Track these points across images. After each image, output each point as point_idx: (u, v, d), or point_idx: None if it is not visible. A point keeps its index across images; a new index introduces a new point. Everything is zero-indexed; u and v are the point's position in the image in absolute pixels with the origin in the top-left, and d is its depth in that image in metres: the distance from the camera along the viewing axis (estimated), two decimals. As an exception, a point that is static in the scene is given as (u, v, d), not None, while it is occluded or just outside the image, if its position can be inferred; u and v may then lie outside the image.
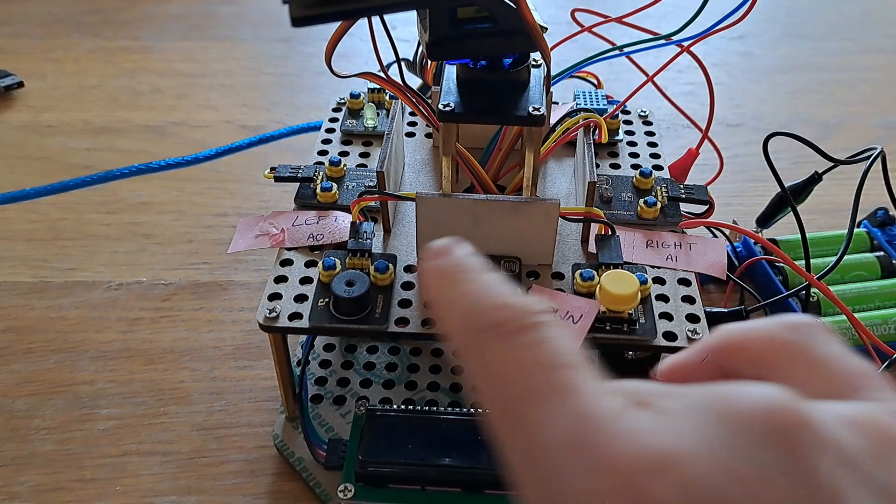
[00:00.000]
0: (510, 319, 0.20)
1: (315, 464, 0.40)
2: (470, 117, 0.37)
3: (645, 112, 0.51)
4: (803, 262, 0.45)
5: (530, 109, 0.36)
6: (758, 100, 0.70)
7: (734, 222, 0.54)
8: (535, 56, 0.38)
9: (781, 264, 0.50)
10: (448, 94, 0.37)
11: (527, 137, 0.37)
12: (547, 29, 0.36)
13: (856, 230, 0.53)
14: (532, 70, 0.38)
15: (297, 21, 0.26)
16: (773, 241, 0.52)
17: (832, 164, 0.46)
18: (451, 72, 0.38)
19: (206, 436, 0.43)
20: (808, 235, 0.51)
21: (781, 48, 0.78)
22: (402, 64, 0.57)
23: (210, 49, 0.78)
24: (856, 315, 0.45)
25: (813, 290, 0.48)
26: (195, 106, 0.69)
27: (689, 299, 0.38)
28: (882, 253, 0.51)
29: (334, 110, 0.51)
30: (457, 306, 0.21)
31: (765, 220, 0.52)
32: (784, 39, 0.79)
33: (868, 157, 0.44)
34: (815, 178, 0.49)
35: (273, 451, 0.42)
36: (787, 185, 0.48)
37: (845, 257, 0.51)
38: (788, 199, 0.47)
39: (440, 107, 0.36)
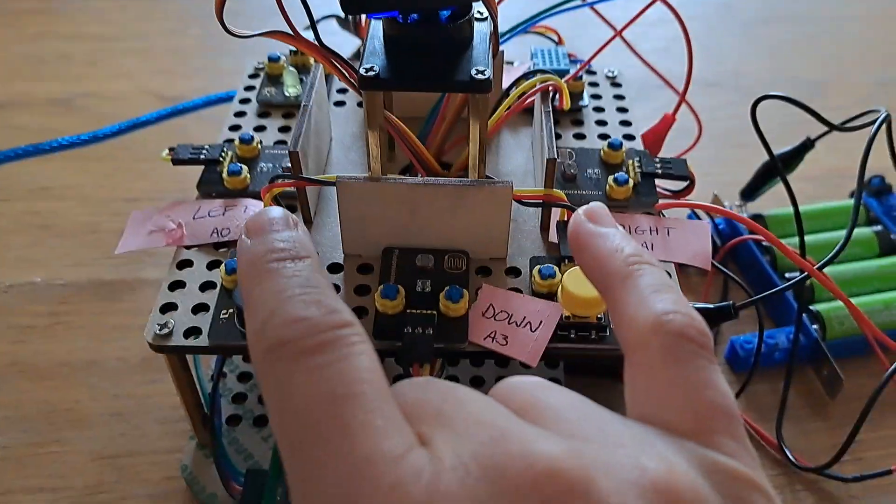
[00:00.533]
0: (301, 336, 0.18)
1: (229, 500, 0.34)
2: (399, 84, 0.30)
3: (613, 72, 0.44)
4: (795, 239, 0.39)
5: (473, 73, 0.29)
6: (738, 55, 0.64)
7: (715, 195, 0.48)
8: (479, 8, 0.32)
9: (768, 244, 0.44)
10: (372, 55, 0.30)
11: (471, 107, 0.31)
12: (490, -27, 0.30)
13: (849, 201, 0.48)
14: (475, 25, 0.31)
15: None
16: (760, 216, 0.46)
17: (828, 129, 0.40)
18: (376, 28, 0.31)
19: (106, 466, 0.37)
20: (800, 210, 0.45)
21: (761, -4, 0.72)
22: (336, 21, 0.50)
23: (126, 9, 0.69)
24: (854, 300, 0.40)
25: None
26: (107, 75, 0.61)
27: (668, 297, 0.32)
28: (880, 227, 0.46)
29: (251, 76, 0.43)
30: (255, 312, 0.20)
31: (750, 192, 0.46)
32: (764, -14, 0.73)
33: (870, 122, 0.37)
34: (808, 145, 0.43)
35: (182, 483, 0.36)
36: (775, 152, 0.41)
37: (839, 232, 0.45)
38: (779, 169, 0.40)
39: (362, 71, 0.29)
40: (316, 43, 0.32)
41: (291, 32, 0.31)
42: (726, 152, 0.54)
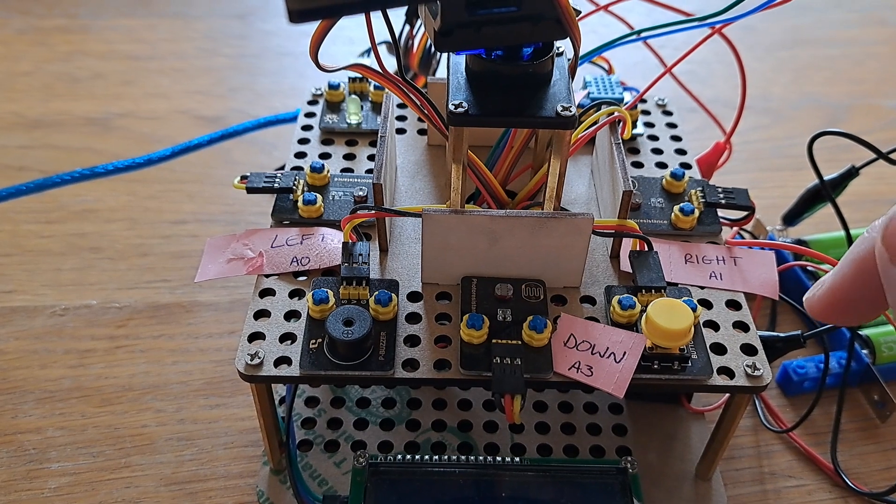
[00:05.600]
0: None
1: (308, 526, 0.34)
2: (487, 120, 0.31)
3: (664, 100, 0.45)
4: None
5: (559, 109, 0.30)
6: (764, 79, 0.65)
7: (757, 220, 0.49)
8: (558, 43, 0.32)
9: (814, 269, 0.45)
10: (458, 91, 0.31)
11: (554, 142, 0.31)
12: (580, 12, 0.30)
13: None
14: (555, 59, 0.32)
15: (296, 15, 0.20)
16: (802, 241, 0.47)
17: (875, 157, 0.41)
18: (458, 64, 0.32)
19: (177, 491, 0.37)
20: (836, 234, 0.47)
21: (784, 21, 0.73)
22: (384, 48, 0.51)
23: (158, 27, 0.70)
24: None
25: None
26: (143, 94, 0.61)
27: (741, 326, 0.33)
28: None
29: (310, 103, 0.44)
30: None
31: (794, 216, 0.47)
32: (785, 11, 0.74)
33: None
34: (853, 173, 0.44)
35: (256, 508, 0.36)
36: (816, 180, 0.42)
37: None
38: (829, 194, 0.42)
39: (451, 107, 0.30)
40: (402, 79, 0.33)
41: (378, 69, 0.32)
42: (760, 175, 0.55)
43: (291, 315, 0.33)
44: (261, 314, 0.33)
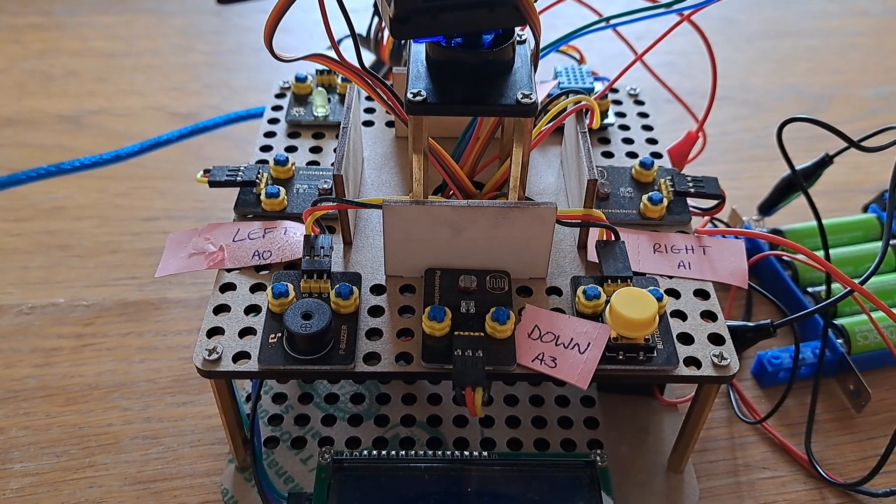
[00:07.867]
0: None
1: (272, 524, 0.34)
2: (446, 108, 0.30)
3: (635, 90, 0.44)
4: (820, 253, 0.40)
5: (519, 96, 0.30)
6: (744, 70, 0.64)
7: (733, 210, 0.48)
8: (519, 30, 0.32)
9: (789, 259, 0.45)
10: (417, 79, 0.30)
11: (516, 130, 0.31)
12: (538, -2, 0.30)
13: (864, 216, 0.49)
14: (517, 47, 0.32)
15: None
16: (779, 231, 0.47)
17: (847, 145, 0.41)
18: (418, 52, 0.32)
19: (142, 491, 0.36)
20: (812, 224, 0.46)
21: (764, 11, 0.73)
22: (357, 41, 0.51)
23: (133, 24, 0.69)
24: (875, 314, 0.40)
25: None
26: (117, 91, 0.61)
27: (709, 315, 0.33)
28: (896, 241, 0.46)
29: (277, 96, 0.43)
30: None
31: (769, 206, 0.46)
32: (767, 1, 0.74)
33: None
34: (826, 161, 0.43)
35: (222, 507, 0.36)
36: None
37: (856, 246, 0.46)
38: (800, 184, 0.41)
39: (409, 96, 0.30)
40: (360, 68, 0.32)
41: (336, 58, 0.32)
42: (739, 166, 0.55)
43: (252, 310, 0.32)
44: (221, 309, 0.32)
